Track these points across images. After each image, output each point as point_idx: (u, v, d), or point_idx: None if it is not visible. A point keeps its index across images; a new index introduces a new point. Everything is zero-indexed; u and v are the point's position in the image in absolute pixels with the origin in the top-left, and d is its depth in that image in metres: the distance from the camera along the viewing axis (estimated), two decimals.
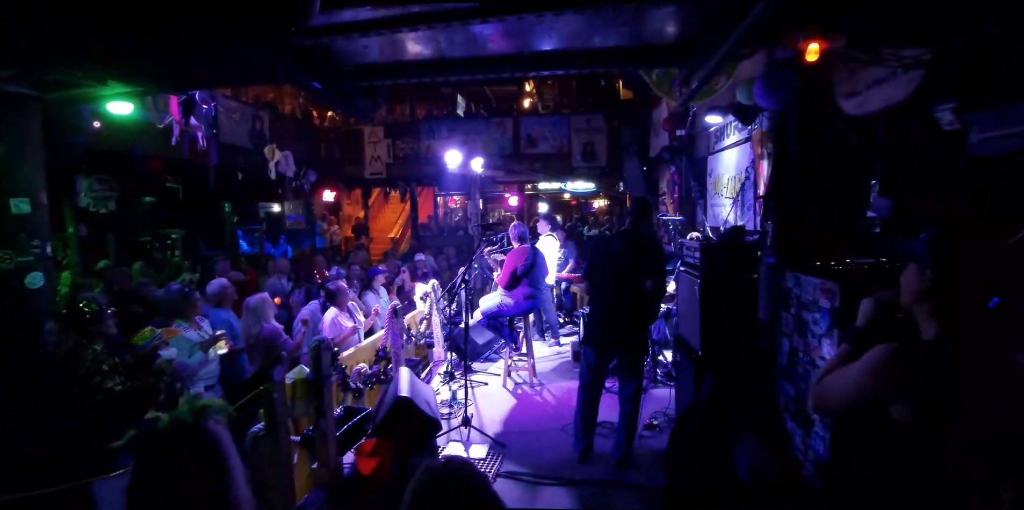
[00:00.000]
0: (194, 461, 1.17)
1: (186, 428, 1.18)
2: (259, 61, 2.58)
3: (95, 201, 7.12)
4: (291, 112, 12.06)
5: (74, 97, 3.33)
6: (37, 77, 2.88)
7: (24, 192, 3.52)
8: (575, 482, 3.16)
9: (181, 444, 1.17)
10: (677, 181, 7.81)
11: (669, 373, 4.61)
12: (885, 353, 1.16)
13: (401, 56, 3.14)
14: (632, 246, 3.33)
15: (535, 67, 3.73)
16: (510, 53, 3.36)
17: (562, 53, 3.36)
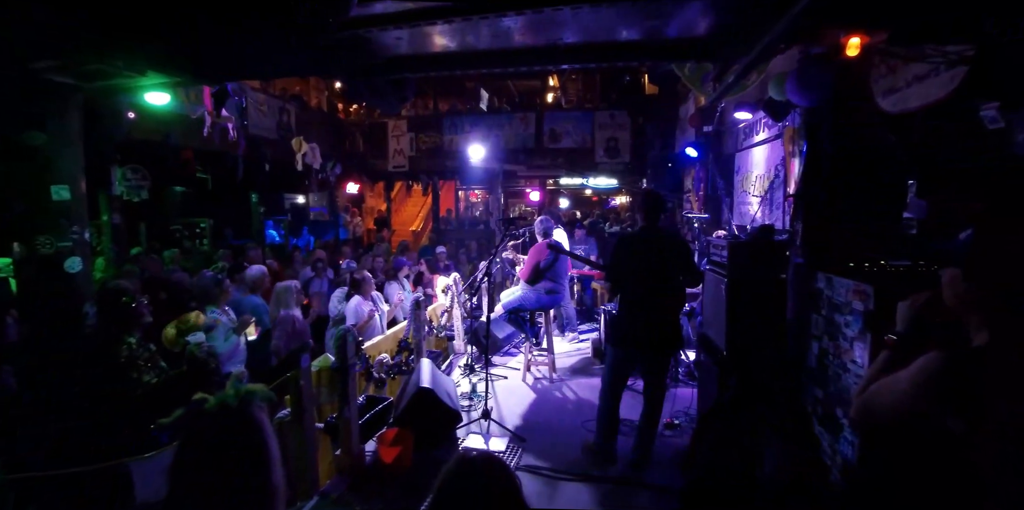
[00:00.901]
0: (236, 446, 1.19)
1: (231, 412, 1.20)
2: (300, 52, 2.62)
3: (128, 190, 7.34)
4: (317, 105, 12.21)
5: (113, 87, 3.42)
6: (78, 68, 2.97)
7: (64, 179, 3.64)
8: (594, 479, 3.16)
9: (225, 428, 1.20)
10: (703, 178, 7.70)
11: (691, 372, 4.57)
12: (936, 362, 1.11)
13: (431, 49, 3.14)
14: (656, 243, 3.30)
15: (562, 61, 3.69)
16: (537, 46, 3.34)
17: (589, 46, 3.32)
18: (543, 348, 5.05)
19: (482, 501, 1.07)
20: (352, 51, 2.85)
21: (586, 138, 11.78)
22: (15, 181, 4.13)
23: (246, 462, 1.17)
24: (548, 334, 5.01)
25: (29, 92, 3.34)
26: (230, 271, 5.75)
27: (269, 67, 3.30)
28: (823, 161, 3.22)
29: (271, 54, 2.71)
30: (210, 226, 9.25)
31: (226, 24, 2.30)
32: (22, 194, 3.81)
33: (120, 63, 2.82)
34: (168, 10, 2.23)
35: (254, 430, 1.21)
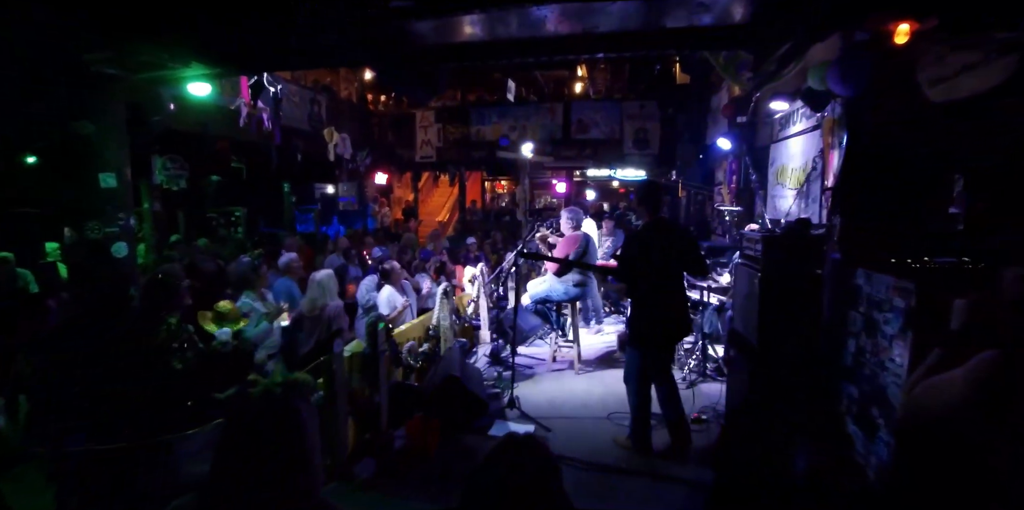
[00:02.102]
0: (276, 433, 1.22)
1: (274, 400, 1.24)
2: (342, 42, 2.66)
3: (168, 179, 7.59)
4: (347, 96, 12.35)
5: (159, 79, 3.54)
6: (127, 59, 3.08)
7: (111, 168, 3.80)
8: (621, 471, 3.16)
9: (266, 415, 1.24)
10: (735, 170, 7.53)
11: (719, 368, 4.51)
12: (993, 361, 1.08)
13: (463, 38, 3.14)
14: (665, 237, 3.26)
15: (596, 49, 3.66)
16: (570, 35, 3.30)
17: (624, 35, 3.27)
18: (569, 339, 5.06)
19: (525, 479, 1.09)
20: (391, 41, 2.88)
21: (614, 129, 11.63)
22: (65, 169, 4.34)
23: (285, 449, 1.21)
24: (574, 325, 5.01)
25: (79, 84, 3.49)
26: (265, 258, 5.93)
27: (311, 57, 3.35)
28: (864, 153, 3.12)
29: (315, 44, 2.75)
30: (244, 215, 9.50)
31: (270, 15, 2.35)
32: (72, 181, 4.01)
33: (166, 54, 2.91)
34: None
35: (295, 419, 1.24)
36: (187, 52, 3.03)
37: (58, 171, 5.38)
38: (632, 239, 3.43)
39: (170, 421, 2.82)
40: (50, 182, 6.16)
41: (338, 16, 2.24)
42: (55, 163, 5.69)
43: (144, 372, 3.01)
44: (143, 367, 3.02)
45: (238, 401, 1.29)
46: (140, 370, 3.03)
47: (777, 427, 2.87)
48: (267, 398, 1.25)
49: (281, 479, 1.19)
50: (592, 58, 11.04)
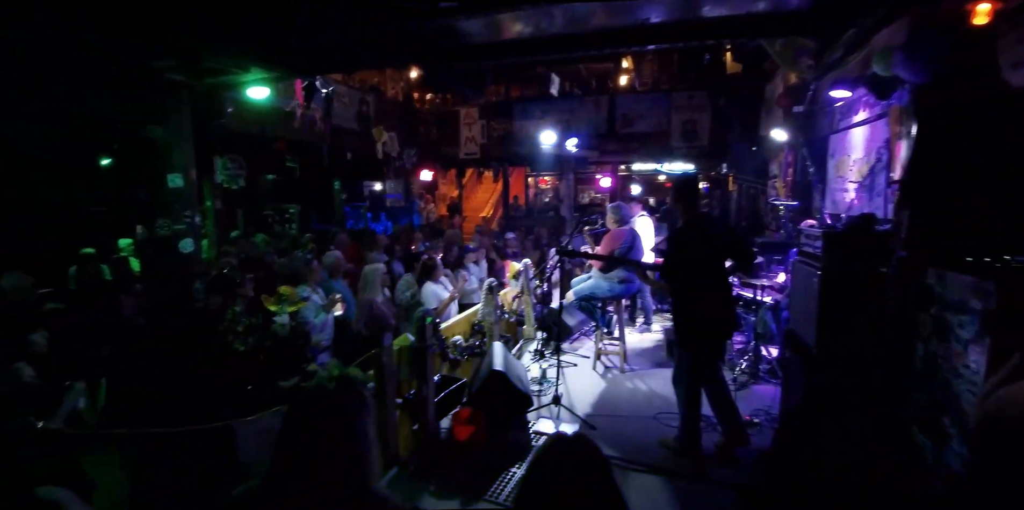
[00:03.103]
0: (329, 424, 1.27)
1: (328, 393, 1.28)
2: (395, 42, 2.72)
3: (228, 178, 8.00)
4: (393, 95, 12.60)
5: (221, 84, 3.74)
6: (192, 66, 3.26)
7: (178, 169, 4.06)
8: (667, 473, 3.11)
9: (323, 405, 1.29)
10: (791, 163, 7.19)
11: (773, 370, 4.34)
12: None
13: (512, 34, 3.14)
14: (707, 233, 3.20)
15: (647, 41, 3.57)
16: (620, 27, 3.24)
17: (676, 25, 3.18)
18: (615, 337, 5.00)
19: (578, 479, 1.09)
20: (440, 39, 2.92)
21: (661, 121, 11.33)
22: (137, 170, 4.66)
23: (338, 440, 1.26)
24: (620, 323, 4.94)
25: (149, 90, 3.74)
26: (317, 254, 6.16)
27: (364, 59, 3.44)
28: (935, 143, 2.91)
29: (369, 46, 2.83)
30: (298, 211, 9.90)
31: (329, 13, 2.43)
32: (143, 182, 4.32)
33: (229, 60, 3.07)
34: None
35: (345, 413, 1.29)
36: (249, 57, 3.18)
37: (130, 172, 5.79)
38: (672, 237, 3.36)
39: (233, 406, 2.99)
40: (123, 182, 6.63)
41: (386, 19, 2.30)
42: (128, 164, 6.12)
43: (210, 354, 3.21)
44: (209, 350, 3.23)
45: (298, 391, 1.35)
46: (206, 353, 3.23)
47: (835, 432, 2.73)
48: (320, 392, 1.30)
49: (335, 469, 1.23)
50: (641, 50, 10.76)
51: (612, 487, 1.12)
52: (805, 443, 2.59)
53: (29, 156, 4.97)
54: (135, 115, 3.76)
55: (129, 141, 3.96)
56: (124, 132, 4.01)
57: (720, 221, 3.44)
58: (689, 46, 4.43)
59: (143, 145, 3.94)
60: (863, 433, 2.61)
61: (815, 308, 2.93)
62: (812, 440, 2.68)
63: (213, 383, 3.20)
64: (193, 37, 2.97)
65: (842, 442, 2.60)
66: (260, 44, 3.00)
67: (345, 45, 2.81)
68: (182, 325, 3.67)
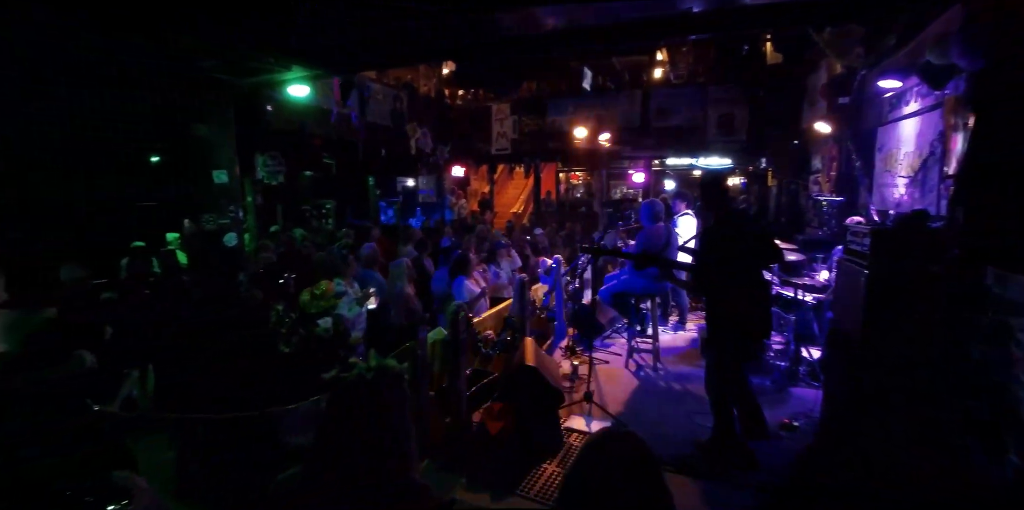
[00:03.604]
0: (366, 413, 1.29)
1: (365, 384, 1.31)
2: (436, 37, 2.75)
3: (268, 174, 8.26)
4: (426, 92, 12.72)
5: (263, 83, 3.85)
6: (236, 65, 3.37)
7: (223, 165, 4.23)
8: (702, 475, 3.05)
9: (363, 396, 1.32)
10: (835, 157, 6.91)
11: (813, 372, 4.20)
12: None
13: (548, 26, 3.12)
14: (740, 230, 3.15)
15: (684, 32, 3.49)
16: (660, 17, 3.16)
17: (719, 14, 3.08)
18: (647, 335, 4.93)
19: (626, 475, 1.08)
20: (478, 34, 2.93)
21: (697, 115, 11.08)
22: (184, 167, 4.86)
23: (375, 429, 1.28)
24: (653, 321, 4.87)
25: (195, 90, 3.89)
26: (352, 248, 6.30)
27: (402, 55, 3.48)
28: (994, 135, 2.74)
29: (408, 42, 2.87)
30: (334, 207, 10.15)
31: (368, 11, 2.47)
32: (189, 178, 4.51)
33: (272, 59, 3.16)
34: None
35: (382, 403, 1.31)
36: (290, 56, 3.27)
37: (178, 168, 6.04)
38: (702, 235, 3.28)
39: (275, 394, 3.10)
40: (171, 178, 6.93)
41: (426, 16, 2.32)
42: (175, 161, 6.38)
43: (255, 354, 3.33)
44: (255, 350, 3.35)
45: (338, 383, 1.38)
46: (252, 352, 3.35)
47: (879, 437, 2.63)
48: (359, 382, 1.33)
49: (374, 458, 1.26)
50: (681, 41, 10.51)
51: (662, 487, 1.10)
52: (845, 445, 2.50)
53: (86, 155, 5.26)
54: (183, 114, 3.94)
55: (177, 139, 4.15)
56: (173, 131, 4.21)
57: (753, 218, 3.37)
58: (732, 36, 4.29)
59: (190, 143, 4.12)
60: (906, 436, 2.50)
61: (861, 308, 2.82)
62: (852, 442, 2.59)
63: (256, 373, 3.32)
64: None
65: (884, 445, 2.50)
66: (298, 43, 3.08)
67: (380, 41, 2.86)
68: (228, 316, 3.81)
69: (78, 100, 4.28)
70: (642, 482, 1.08)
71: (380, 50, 3.19)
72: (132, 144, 6.17)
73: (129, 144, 6.05)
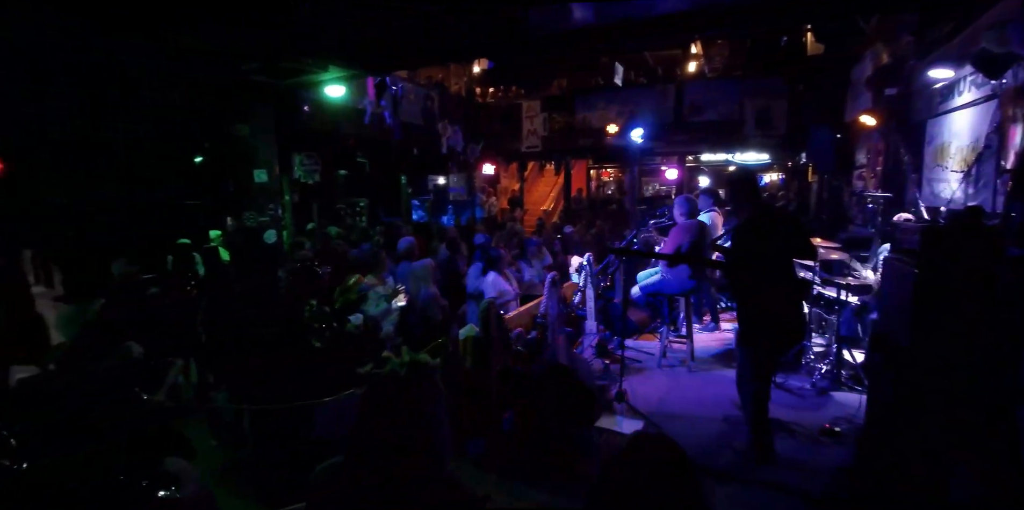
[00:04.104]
0: (406, 408, 1.31)
1: (399, 379, 1.32)
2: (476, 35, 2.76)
3: (305, 173, 8.48)
4: (457, 91, 12.80)
5: (301, 83, 3.96)
6: (275, 67, 3.47)
7: (263, 165, 4.37)
8: (736, 478, 2.98)
9: (396, 391, 1.33)
10: (882, 151, 6.62)
11: (856, 376, 4.03)
12: None
13: (581, 22, 3.09)
14: (773, 228, 3.08)
15: (717, 26, 3.40)
16: (693, 10, 3.09)
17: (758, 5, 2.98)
18: (681, 335, 4.84)
19: (658, 479, 1.06)
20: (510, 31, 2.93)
21: (733, 109, 10.78)
22: (226, 166, 5.04)
23: (409, 422, 1.30)
24: (687, 320, 4.78)
25: (237, 92, 4.03)
26: (384, 245, 6.40)
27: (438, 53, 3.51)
28: None
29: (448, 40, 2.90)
30: (367, 205, 10.34)
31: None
32: (232, 177, 4.68)
33: (309, 60, 3.24)
34: None
35: (420, 396, 1.33)
36: (326, 57, 3.35)
37: (221, 168, 6.26)
38: (734, 233, 3.23)
39: (310, 390, 3.19)
40: (214, 178, 7.19)
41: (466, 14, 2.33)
42: (218, 161, 6.63)
43: (290, 348, 3.44)
44: (290, 345, 3.45)
45: (370, 378, 1.41)
46: (287, 347, 3.46)
47: (928, 445, 2.51)
48: (393, 377, 1.35)
49: (408, 452, 1.27)
50: (720, 35, 10.25)
51: (697, 492, 1.07)
52: (895, 455, 2.40)
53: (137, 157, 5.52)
54: (226, 115, 4.09)
55: (220, 140, 4.32)
56: (216, 132, 4.39)
57: (786, 215, 3.33)
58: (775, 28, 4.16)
59: (232, 143, 4.29)
60: (945, 441, 2.38)
61: (909, 309, 2.68)
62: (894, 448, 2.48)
63: (291, 366, 3.42)
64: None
65: (923, 450, 2.39)
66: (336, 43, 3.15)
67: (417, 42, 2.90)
68: (266, 311, 3.94)
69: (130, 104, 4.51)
70: (677, 487, 1.06)
71: (413, 49, 3.23)
72: (179, 145, 6.45)
73: (176, 145, 6.32)
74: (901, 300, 2.81)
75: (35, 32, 3.51)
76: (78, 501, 1.29)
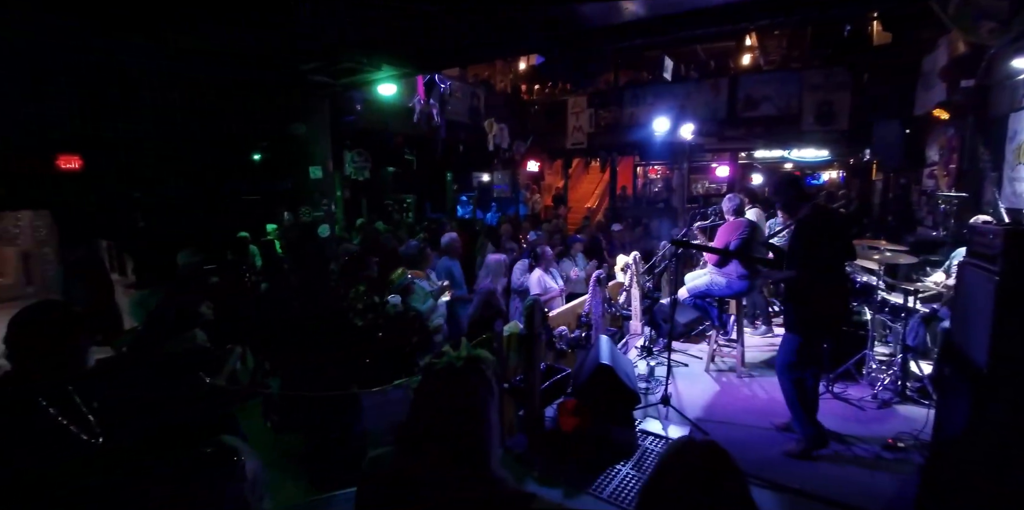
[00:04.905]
0: (459, 401, 1.32)
1: (455, 371, 1.34)
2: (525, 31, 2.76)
3: (355, 170, 8.74)
4: (502, 88, 12.83)
5: (356, 82, 4.07)
6: (332, 66, 3.58)
7: (318, 162, 4.53)
8: (786, 489, 2.85)
9: (452, 384, 1.35)
10: (957, 148, 6.16)
11: (924, 389, 3.78)
12: None
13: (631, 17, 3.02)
14: (826, 228, 3.19)
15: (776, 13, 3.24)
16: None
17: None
18: (731, 339, 4.68)
19: (710, 487, 1.03)
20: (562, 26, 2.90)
21: (790, 103, 10.27)
22: (284, 163, 5.25)
23: (465, 417, 1.30)
24: (738, 323, 4.61)
25: (296, 91, 4.20)
26: (430, 241, 6.52)
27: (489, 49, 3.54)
28: None
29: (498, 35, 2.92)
30: (414, 201, 10.55)
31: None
32: (289, 173, 4.88)
33: (364, 59, 3.33)
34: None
35: (473, 390, 1.34)
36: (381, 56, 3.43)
37: (279, 165, 6.54)
38: (794, 234, 3.31)
39: (359, 378, 3.28)
40: (271, 174, 7.52)
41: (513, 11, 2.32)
42: (275, 158, 6.92)
43: (335, 328, 3.56)
44: (336, 323, 3.57)
45: (429, 370, 1.43)
46: (333, 326, 3.58)
47: (1006, 467, 2.32)
48: (449, 369, 1.36)
49: (458, 446, 1.29)
50: (783, 23, 9.76)
51: (746, 501, 1.04)
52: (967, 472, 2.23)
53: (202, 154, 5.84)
54: (285, 114, 4.27)
55: (278, 138, 4.53)
56: (275, 130, 4.60)
57: (839, 217, 3.46)
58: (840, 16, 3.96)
59: (289, 141, 4.48)
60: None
61: (989, 319, 2.48)
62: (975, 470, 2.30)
63: (344, 357, 3.53)
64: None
65: (1010, 474, 2.20)
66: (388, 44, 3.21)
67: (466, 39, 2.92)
68: (320, 303, 4.09)
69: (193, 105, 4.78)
70: (725, 495, 1.02)
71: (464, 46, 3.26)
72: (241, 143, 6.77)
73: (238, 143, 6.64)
74: (979, 309, 2.60)
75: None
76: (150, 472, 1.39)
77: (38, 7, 3.50)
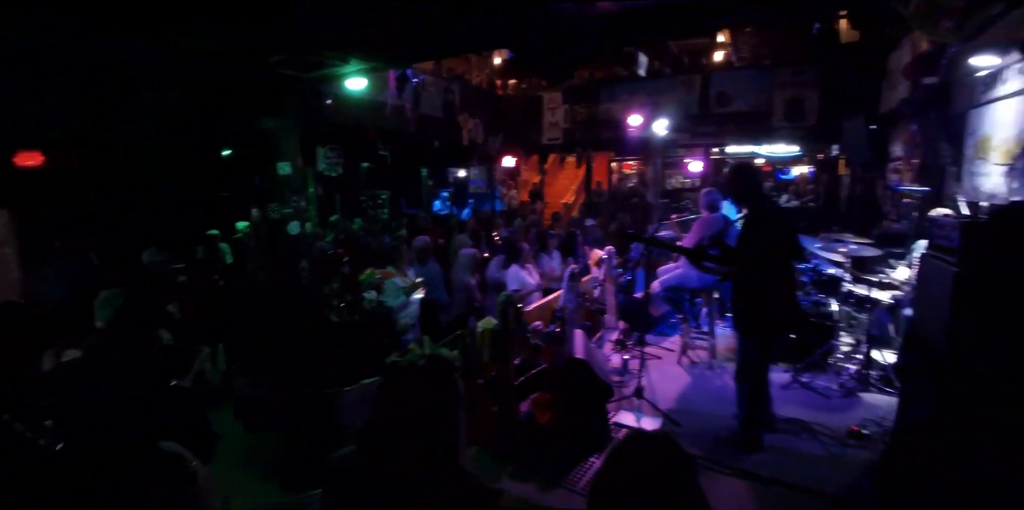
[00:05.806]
0: (423, 399, 1.31)
1: (417, 371, 1.32)
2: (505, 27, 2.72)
3: (328, 166, 8.55)
4: (478, 83, 12.70)
5: (324, 77, 3.97)
6: (299, 60, 3.49)
7: (287, 157, 4.43)
8: (754, 476, 2.92)
9: (414, 382, 1.33)
10: (919, 143, 6.36)
11: (887, 377, 3.90)
12: None
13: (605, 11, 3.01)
14: (779, 222, 3.18)
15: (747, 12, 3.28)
16: None
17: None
18: (703, 331, 4.75)
19: (655, 476, 1.04)
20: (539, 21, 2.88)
21: (761, 100, 10.45)
22: (252, 159, 5.12)
23: (429, 415, 1.29)
24: (710, 316, 4.69)
25: (262, 85, 4.08)
26: (408, 238, 6.45)
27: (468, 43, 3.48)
28: None
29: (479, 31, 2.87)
30: (389, 197, 10.41)
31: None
32: (257, 170, 4.76)
33: (329, 52, 3.25)
34: None
35: (437, 388, 1.32)
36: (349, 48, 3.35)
37: (247, 161, 6.36)
38: (741, 230, 3.28)
39: (333, 376, 3.24)
40: (240, 170, 7.32)
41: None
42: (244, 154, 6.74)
43: (310, 323, 3.51)
44: (310, 319, 3.52)
45: (392, 369, 1.41)
46: (307, 322, 3.53)
47: (968, 455, 2.41)
48: (411, 368, 1.35)
49: (423, 444, 1.27)
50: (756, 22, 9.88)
51: (694, 489, 1.05)
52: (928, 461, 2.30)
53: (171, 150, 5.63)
54: (249, 110, 4.15)
55: (246, 133, 4.41)
56: (242, 125, 4.47)
57: (784, 212, 3.44)
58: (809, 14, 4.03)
59: (257, 136, 4.37)
60: (995, 452, 2.27)
61: (948, 309, 2.58)
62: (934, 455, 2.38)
63: (317, 354, 3.48)
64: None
65: (966, 461, 2.29)
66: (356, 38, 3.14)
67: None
68: (291, 301, 4.01)
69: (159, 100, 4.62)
70: (674, 485, 1.03)
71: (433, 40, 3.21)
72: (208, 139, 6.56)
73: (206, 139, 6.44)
74: (939, 299, 2.70)
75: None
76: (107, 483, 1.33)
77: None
